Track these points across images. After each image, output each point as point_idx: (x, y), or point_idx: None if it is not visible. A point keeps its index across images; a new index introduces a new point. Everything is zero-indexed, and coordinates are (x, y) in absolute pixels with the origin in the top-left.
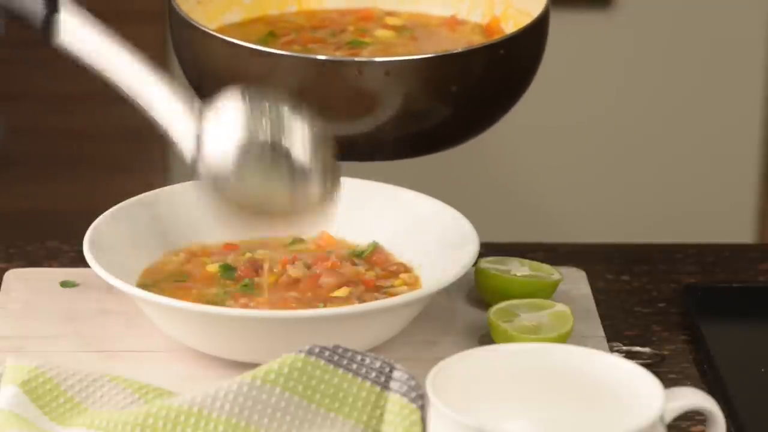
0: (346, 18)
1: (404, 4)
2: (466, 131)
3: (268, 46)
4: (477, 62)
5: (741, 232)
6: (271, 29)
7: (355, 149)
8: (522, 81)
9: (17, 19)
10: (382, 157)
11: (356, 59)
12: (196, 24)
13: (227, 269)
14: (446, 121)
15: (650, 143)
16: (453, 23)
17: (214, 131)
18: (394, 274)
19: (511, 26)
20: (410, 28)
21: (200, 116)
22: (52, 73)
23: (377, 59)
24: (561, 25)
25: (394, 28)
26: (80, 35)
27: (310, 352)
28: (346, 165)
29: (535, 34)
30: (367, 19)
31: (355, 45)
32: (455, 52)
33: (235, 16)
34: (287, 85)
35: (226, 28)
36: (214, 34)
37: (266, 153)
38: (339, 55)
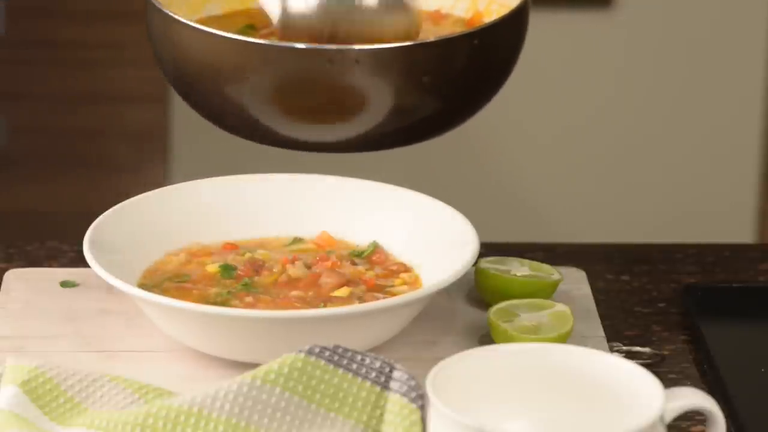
0: None
1: None
2: (442, 123)
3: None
4: (450, 52)
5: (741, 232)
6: (251, 22)
7: (333, 139)
8: (499, 73)
9: None
10: (359, 148)
11: (326, 47)
12: (168, 13)
13: (227, 269)
14: (420, 112)
15: (650, 143)
16: (437, 17)
17: None
18: (395, 274)
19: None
20: None
21: None
22: (52, 73)
23: (347, 47)
24: (561, 25)
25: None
26: None
27: (310, 352)
28: (345, 166)
29: (512, 26)
30: None
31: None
32: (427, 41)
33: (216, 8)
34: (258, 75)
35: (205, 21)
36: (184, 21)
37: None
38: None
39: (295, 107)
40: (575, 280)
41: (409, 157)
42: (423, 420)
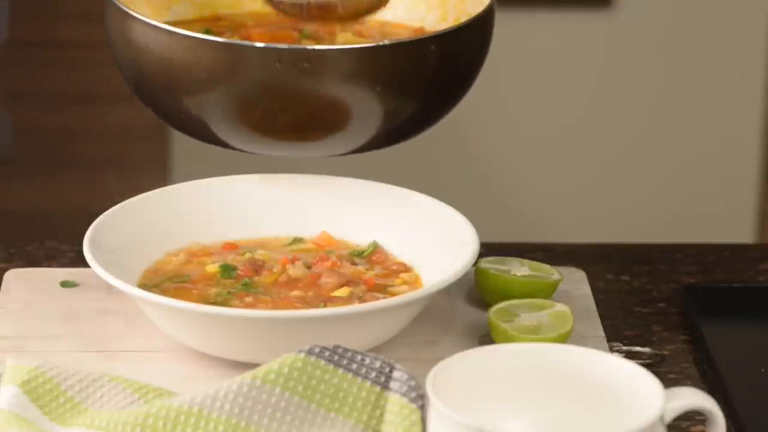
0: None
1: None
2: (399, 130)
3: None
4: (403, 56)
5: (741, 232)
6: (209, 27)
7: (292, 142)
8: (460, 78)
9: None
10: (320, 152)
11: (278, 46)
12: (127, 10)
13: (227, 269)
14: (376, 116)
15: (650, 143)
16: (419, 32)
17: None
18: (395, 274)
19: None
20: (374, 36)
21: None
22: (52, 73)
23: (298, 47)
24: (561, 25)
25: (359, 33)
26: None
27: (310, 352)
28: (345, 166)
29: (473, 32)
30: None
31: (303, 36)
32: (379, 44)
33: (184, 12)
34: (209, 72)
35: (168, 24)
36: (142, 18)
37: None
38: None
39: (251, 108)
40: (575, 280)
41: (409, 157)
42: (423, 420)
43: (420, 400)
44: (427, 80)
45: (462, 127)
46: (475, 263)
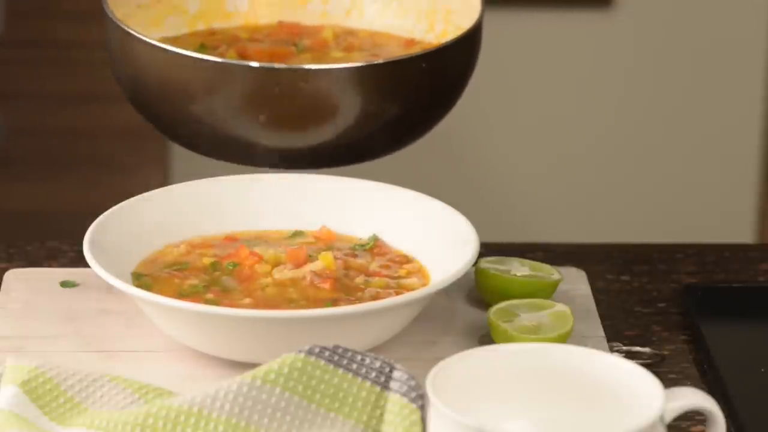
0: (297, 35)
1: (354, 21)
2: (389, 143)
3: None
4: (397, 74)
5: (741, 232)
6: (203, 41)
7: (279, 156)
8: (449, 93)
9: None
10: (308, 165)
11: (276, 66)
12: (122, 26)
13: (215, 264)
14: (368, 131)
15: (650, 143)
16: (409, 43)
17: None
18: (398, 264)
19: None
20: (366, 48)
21: None
22: (52, 73)
23: (297, 67)
24: (561, 25)
25: (351, 47)
26: None
27: (310, 352)
28: (346, 166)
29: (463, 48)
30: (318, 35)
31: (299, 51)
32: (375, 62)
33: (178, 25)
34: (208, 91)
35: (162, 40)
36: (142, 37)
37: None
38: (259, 62)
39: (247, 123)
40: (575, 280)
41: (410, 157)
42: (423, 420)
43: (420, 400)
44: (418, 94)
45: (462, 127)
46: (475, 263)
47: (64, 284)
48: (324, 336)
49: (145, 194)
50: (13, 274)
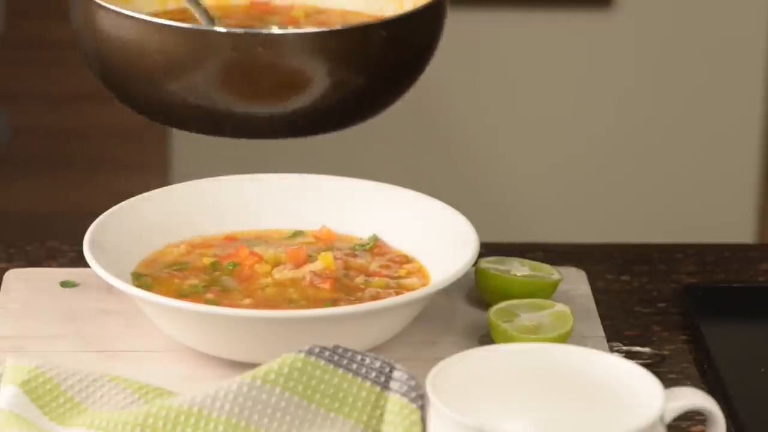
0: (268, 13)
1: (325, 1)
2: (350, 114)
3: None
4: (355, 42)
5: (741, 232)
6: (174, 19)
7: (239, 124)
8: (411, 65)
9: None
10: (269, 135)
11: (232, 30)
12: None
13: (215, 264)
14: (327, 100)
15: (650, 143)
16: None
17: None
18: (398, 264)
19: None
20: (334, 24)
21: None
22: (52, 73)
23: (252, 31)
24: (561, 25)
25: (325, 24)
26: None
27: (310, 352)
28: (345, 165)
29: (425, 19)
30: (288, 14)
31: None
32: (330, 29)
33: (151, 6)
34: (164, 56)
35: None
36: (104, 5)
37: None
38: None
39: (206, 90)
40: (575, 280)
41: (410, 157)
42: (423, 420)
43: (420, 400)
44: (378, 64)
45: (462, 127)
46: (475, 263)
47: (64, 284)
48: (324, 336)
49: (145, 194)
50: (13, 274)
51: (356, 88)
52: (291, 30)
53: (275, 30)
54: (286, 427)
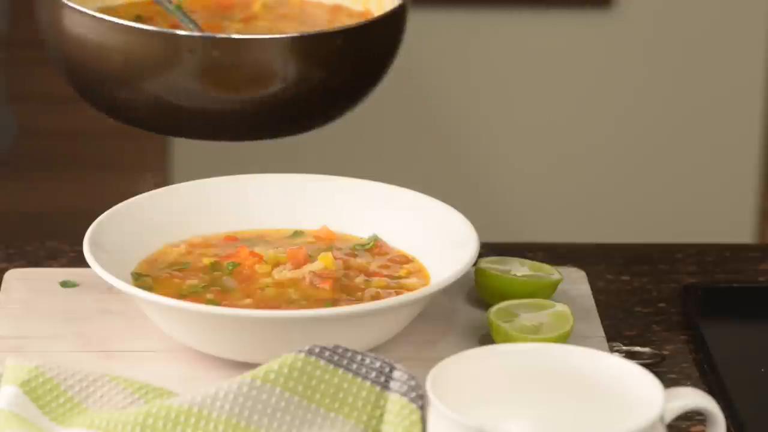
0: (230, 8)
1: None
2: (305, 118)
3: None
4: (308, 50)
5: (741, 232)
6: (140, 12)
7: (196, 125)
8: (369, 73)
9: None
10: (223, 137)
11: (183, 33)
12: None
13: (216, 264)
14: (280, 106)
15: (650, 143)
16: (335, 10)
17: None
18: (398, 264)
19: None
20: (295, 16)
21: None
22: (52, 73)
23: (203, 35)
24: (561, 25)
25: (285, 16)
26: None
27: (310, 352)
28: (345, 165)
29: (385, 27)
30: (249, 8)
31: (232, 22)
32: (285, 36)
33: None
34: (122, 56)
35: (102, 10)
36: (72, 5)
37: None
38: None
39: (165, 91)
40: (575, 280)
41: (409, 157)
42: (423, 420)
43: (420, 400)
44: (333, 71)
45: (462, 127)
46: (475, 263)
47: (64, 284)
48: (324, 336)
49: (145, 194)
50: (13, 274)
51: (312, 94)
52: (247, 36)
53: (233, 35)
54: (286, 427)
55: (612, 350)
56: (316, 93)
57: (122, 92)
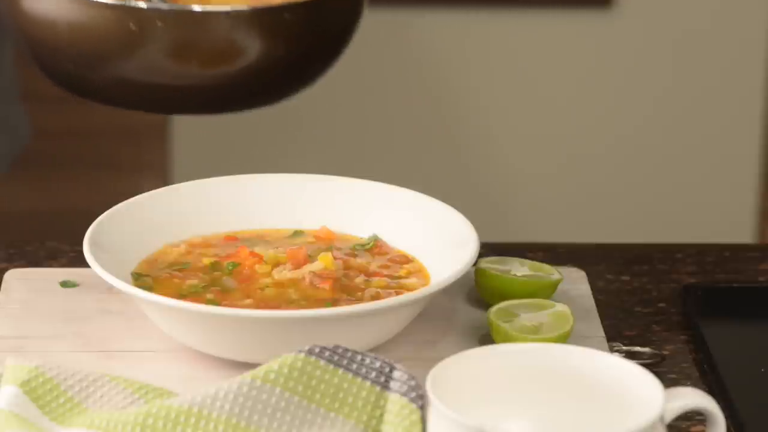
0: None
1: None
2: (257, 94)
3: None
4: (256, 23)
5: (741, 232)
6: None
7: (153, 98)
8: (319, 53)
9: None
10: (178, 110)
11: (133, 4)
12: None
13: (216, 264)
14: (231, 80)
15: (650, 143)
16: None
17: None
18: (398, 264)
19: None
20: None
21: None
22: None
23: (151, 7)
24: (561, 25)
25: None
26: None
27: (310, 352)
28: (345, 165)
29: (333, 4)
30: None
31: None
32: (227, 10)
33: None
34: (70, 30)
35: None
36: None
37: None
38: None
39: (120, 65)
40: (575, 280)
41: (409, 157)
42: (423, 420)
43: (420, 400)
44: (284, 47)
45: (462, 127)
46: (475, 263)
47: (64, 284)
48: (324, 336)
49: (145, 194)
50: (13, 274)
51: (262, 69)
52: (192, 7)
53: (176, 6)
54: (286, 427)
55: (612, 350)
56: (266, 69)
57: (80, 68)
